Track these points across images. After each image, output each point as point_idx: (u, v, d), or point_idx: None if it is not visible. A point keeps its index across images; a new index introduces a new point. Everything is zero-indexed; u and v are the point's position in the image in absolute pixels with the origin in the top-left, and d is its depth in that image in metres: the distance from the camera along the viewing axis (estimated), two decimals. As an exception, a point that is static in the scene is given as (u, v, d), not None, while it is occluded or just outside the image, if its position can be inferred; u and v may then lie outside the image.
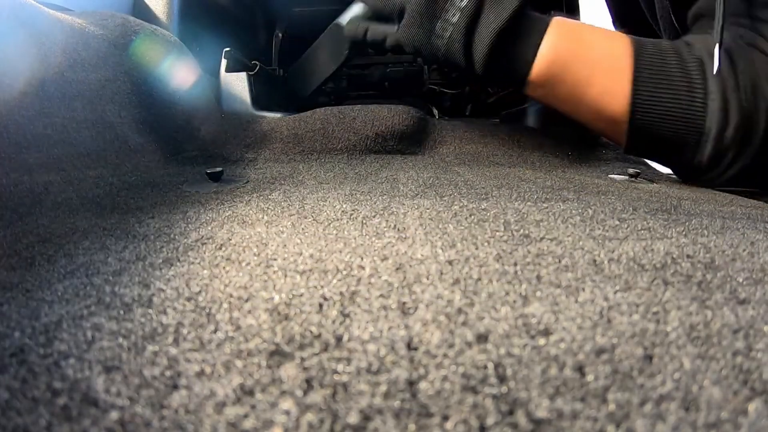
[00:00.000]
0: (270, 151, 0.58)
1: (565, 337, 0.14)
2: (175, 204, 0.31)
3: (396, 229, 0.24)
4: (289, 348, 0.13)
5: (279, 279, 0.18)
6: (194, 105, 0.60)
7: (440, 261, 0.20)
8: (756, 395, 0.11)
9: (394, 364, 0.12)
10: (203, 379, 0.12)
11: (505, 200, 0.32)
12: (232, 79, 0.68)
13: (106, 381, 0.12)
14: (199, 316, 0.15)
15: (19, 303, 0.16)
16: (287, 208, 0.29)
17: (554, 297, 0.16)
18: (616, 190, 0.40)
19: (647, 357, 0.13)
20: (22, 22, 0.39)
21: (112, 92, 0.49)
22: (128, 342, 0.14)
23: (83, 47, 0.47)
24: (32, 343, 0.13)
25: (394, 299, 0.16)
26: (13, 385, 0.12)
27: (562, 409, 0.11)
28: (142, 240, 0.23)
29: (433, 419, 0.11)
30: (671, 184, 0.49)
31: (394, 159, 0.56)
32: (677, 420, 0.10)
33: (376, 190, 0.36)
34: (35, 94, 0.39)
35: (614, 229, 0.25)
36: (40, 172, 0.35)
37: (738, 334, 0.14)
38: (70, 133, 0.41)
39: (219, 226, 0.25)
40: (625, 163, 0.60)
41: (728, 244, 0.22)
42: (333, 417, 0.11)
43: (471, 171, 0.48)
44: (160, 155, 0.51)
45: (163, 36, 0.59)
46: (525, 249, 0.21)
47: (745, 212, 0.33)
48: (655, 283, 0.18)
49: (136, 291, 0.17)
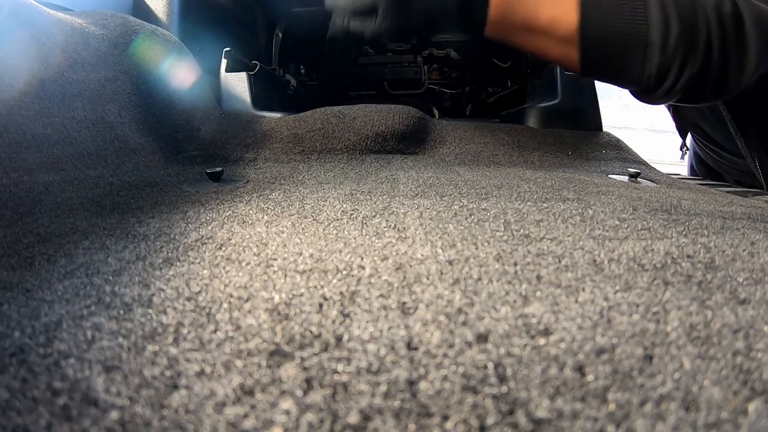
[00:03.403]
0: (270, 151, 0.58)
1: (565, 337, 0.14)
2: (175, 204, 0.31)
3: (396, 229, 0.24)
4: (289, 348, 0.13)
5: (279, 279, 0.18)
6: (194, 105, 0.60)
7: (440, 261, 0.20)
8: (756, 395, 0.11)
9: (394, 364, 0.12)
10: (203, 379, 0.12)
11: (505, 200, 0.32)
12: (232, 79, 0.68)
13: (106, 381, 0.12)
14: (199, 316, 0.15)
15: (19, 303, 0.16)
16: (287, 208, 0.29)
17: (554, 297, 0.16)
18: (616, 190, 0.40)
19: (647, 357, 0.13)
20: (22, 22, 0.39)
21: (112, 92, 0.49)
22: (128, 342, 0.14)
23: (83, 47, 0.47)
24: (32, 343, 0.13)
25: (394, 299, 0.16)
26: (13, 385, 0.12)
27: (562, 409, 0.11)
28: (142, 240, 0.23)
29: (433, 419, 0.11)
30: (671, 184, 0.49)
31: (394, 159, 0.56)
32: (677, 420, 0.10)
33: (376, 190, 0.36)
34: (35, 94, 0.39)
35: (614, 229, 0.25)
36: (40, 172, 0.35)
37: (738, 334, 0.14)
38: (70, 133, 0.41)
39: (219, 226, 0.25)
40: (625, 163, 0.60)
41: (728, 244, 0.22)
42: (333, 417, 0.11)
43: (471, 171, 0.48)
44: (160, 155, 0.51)
45: (163, 36, 0.59)
46: (525, 249, 0.21)
47: (745, 212, 0.33)
48: (655, 283, 0.18)
49: (136, 291, 0.17)
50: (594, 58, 0.44)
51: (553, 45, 0.46)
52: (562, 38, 0.44)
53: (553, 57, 0.48)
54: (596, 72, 0.47)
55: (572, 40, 0.44)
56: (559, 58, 0.47)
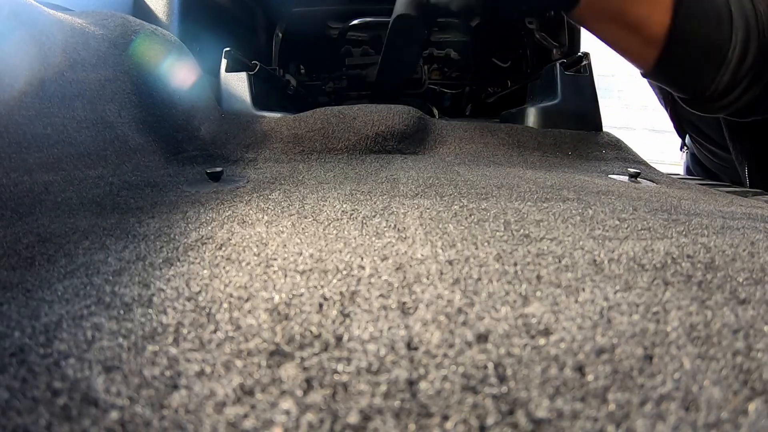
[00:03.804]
0: (270, 151, 0.58)
1: (565, 337, 0.14)
2: (175, 204, 0.31)
3: (396, 229, 0.24)
4: (289, 348, 0.13)
5: (279, 279, 0.18)
6: (194, 105, 0.60)
7: (440, 261, 0.20)
8: (756, 395, 0.11)
9: (394, 364, 0.12)
10: (203, 379, 0.12)
11: (505, 200, 0.32)
12: (232, 79, 0.68)
13: (106, 381, 0.12)
14: (199, 316, 0.15)
15: (19, 303, 0.16)
16: (287, 208, 0.29)
17: (554, 297, 0.16)
18: (616, 190, 0.40)
19: (647, 357, 0.13)
20: (22, 22, 0.39)
21: (112, 92, 0.49)
22: (128, 342, 0.14)
23: (83, 47, 0.47)
24: (32, 343, 0.13)
25: (394, 299, 0.16)
26: (13, 385, 0.12)
27: (562, 409, 0.11)
28: (142, 240, 0.23)
29: (433, 419, 0.11)
30: (671, 184, 0.49)
31: (394, 159, 0.56)
32: (677, 420, 0.10)
33: (376, 190, 0.36)
34: (35, 94, 0.39)
35: (614, 229, 0.25)
36: (40, 172, 0.35)
37: (738, 334, 0.14)
38: (70, 133, 0.41)
39: (219, 226, 0.25)
40: (625, 163, 0.60)
41: (728, 244, 0.22)
42: (333, 417, 0.11)
43: (471, 171, 0.48)
44: (160, 155, 0.51)
45: (163, 36, 0.59)
46: (525, 249, 0.21)
47: (745, 212, 0.33)
48: (655, 283, 0.18)
49: (136, 291, 0.17)
50: (671, 62, 0.46)
51: (634, 41, 0.47)
52: (648, 37, 0.45)
53: (628, 52, 0.49)
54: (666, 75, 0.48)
55: (656, 41, 0.45)
56: (633, 54, 0.48)
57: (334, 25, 0.92)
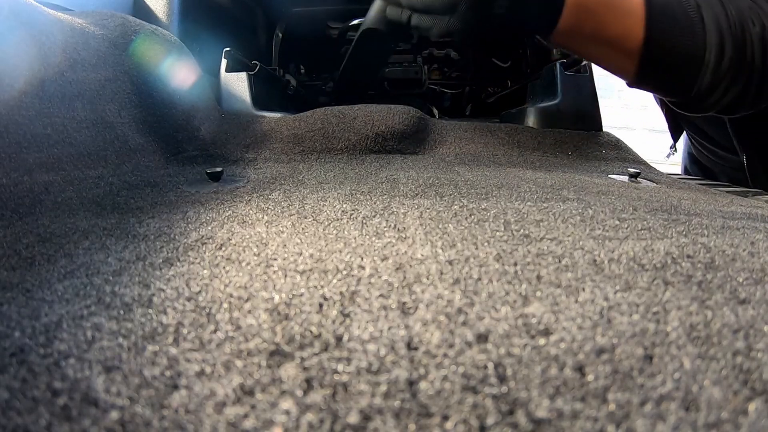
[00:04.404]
0: (270, 151, 0.58)
1: (565, 337, 0.14)
2: (175, 204, 0.31)
3: (396, 229, 0.24)
4: (289, 348, 0.13)
5: (279, 279, 0.18)
6: (194, 105, 0.60)
7: (440, 261, 0.20)
8: (756, 395, 0.11)
9: (394, 364, 0.12)
10: (203, 379, 0.12)
11: (505, 200, 0.32)
12: (232, 79, 0.68)
13: (106, 381, 0.12)
14: (199, 316, 0.15)
15: (19, 303, 0.16)
16: (287, 208, 0.29)
17: (554, 297, 0.16)
18: (616, 190, 0.40)
19: (647, 357, 0.13)
20: (22, 22, 0.39)
21: (112, 92, 0.49)
22: (128, 342, 0.14)
23: (83, 47, 0.47)
24: (32, 343, 0.13)
25: (394, 299, 0.16)
26: (13, 385, 0.12)
27: (562, 409, 0.11)
28: (142, 240, 0.23)
29: (433, 419, 0.11)
30: (671, 184, 0.49)
31: (394, 159, 0.56)
32: (677, 420, 0.10)
33: (376, 190, 0.36)
34: (35, 94, 0.39)
35: (614, 229, 0.25)
36: (40, 172, 0.35)
37: (738, 334, 0.14)
38: (70, 133, 0.41)
39: (219, 226, 0.25)
40: (625, 163, 0.60)
41: (728, 244, 0.22)
42: (333, 417, 0.11)
43: (471, 171, 0.48)
44: (160, 155, 0.51)
45: (163, 36, 0.59)
46: (525, 249, 0.21)
47: (745, 212, 0.33)
48: (655, 283, 0.18)
49: (136, 291, 0.17)
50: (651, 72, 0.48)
51: (614, 57, 0.50)
52: (626, 52, 0.48)
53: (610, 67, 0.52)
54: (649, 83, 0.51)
55: (634, 54, 0.47)
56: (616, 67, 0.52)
57: (334, 25, 0.92)
